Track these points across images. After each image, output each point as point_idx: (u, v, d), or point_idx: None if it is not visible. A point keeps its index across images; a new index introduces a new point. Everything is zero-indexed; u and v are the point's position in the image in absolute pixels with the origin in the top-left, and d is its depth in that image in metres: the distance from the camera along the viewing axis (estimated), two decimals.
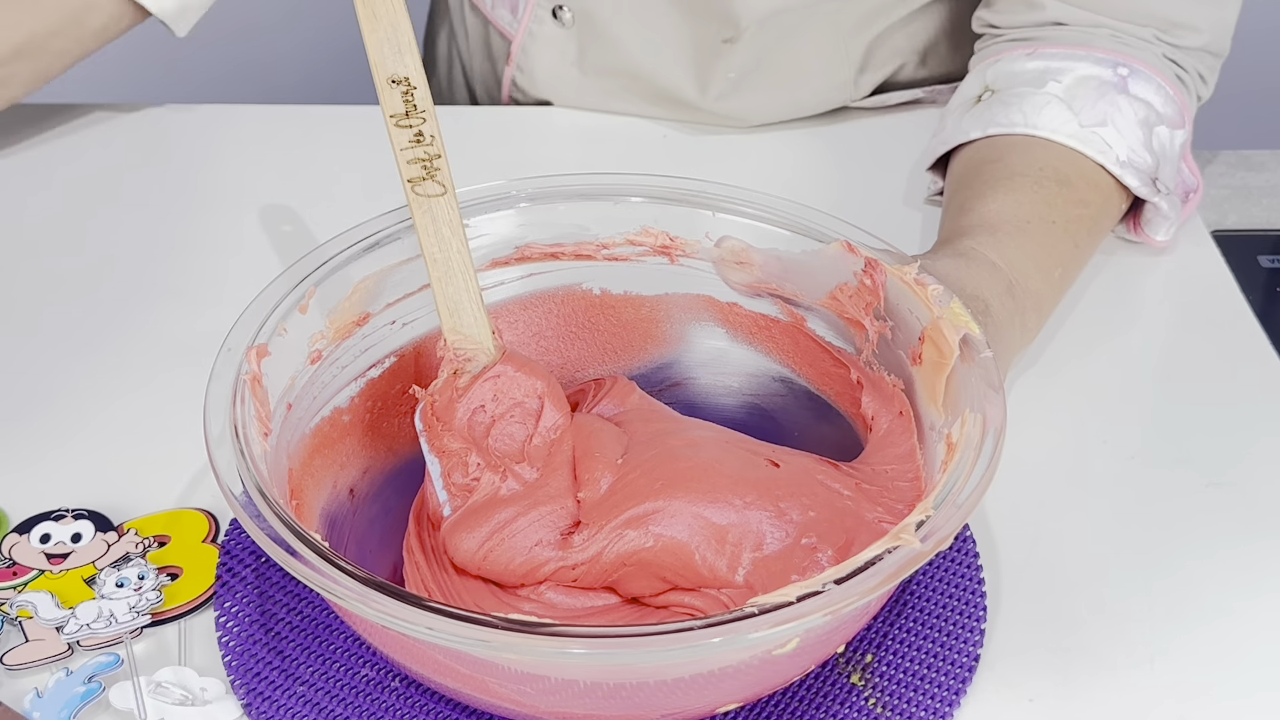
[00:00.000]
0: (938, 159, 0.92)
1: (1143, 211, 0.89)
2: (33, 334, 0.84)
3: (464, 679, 0.57)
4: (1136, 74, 0.87)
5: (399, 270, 0.70)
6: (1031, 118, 0.86)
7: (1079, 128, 0.85)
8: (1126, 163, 0.85)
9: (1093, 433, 0.79)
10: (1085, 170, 0.85)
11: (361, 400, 0.70)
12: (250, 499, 0.57)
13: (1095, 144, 0.85)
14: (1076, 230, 0.83)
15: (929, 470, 0.64)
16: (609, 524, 0.64)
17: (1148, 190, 0.86)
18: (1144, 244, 0.91)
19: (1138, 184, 0.85)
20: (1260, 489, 0.75)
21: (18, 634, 0.65)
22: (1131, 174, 0.85)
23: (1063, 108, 0.85)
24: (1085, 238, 0.84)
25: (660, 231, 0.73)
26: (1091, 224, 0.84)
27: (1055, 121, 0.85)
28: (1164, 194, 0.86)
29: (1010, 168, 0.84)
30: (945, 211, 0.86)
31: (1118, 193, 0.86)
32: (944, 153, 0.91)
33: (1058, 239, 0.81)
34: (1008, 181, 0.83)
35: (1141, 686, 0.65)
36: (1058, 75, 0.87)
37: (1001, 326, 0.74)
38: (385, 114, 0.63)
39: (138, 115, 1.03)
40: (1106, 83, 0.86)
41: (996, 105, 0.88)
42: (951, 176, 0.89)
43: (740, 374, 0.75)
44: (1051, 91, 0.86)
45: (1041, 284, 0.79)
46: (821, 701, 0.64)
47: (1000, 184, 0.83)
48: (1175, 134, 0.88)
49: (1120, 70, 0.87)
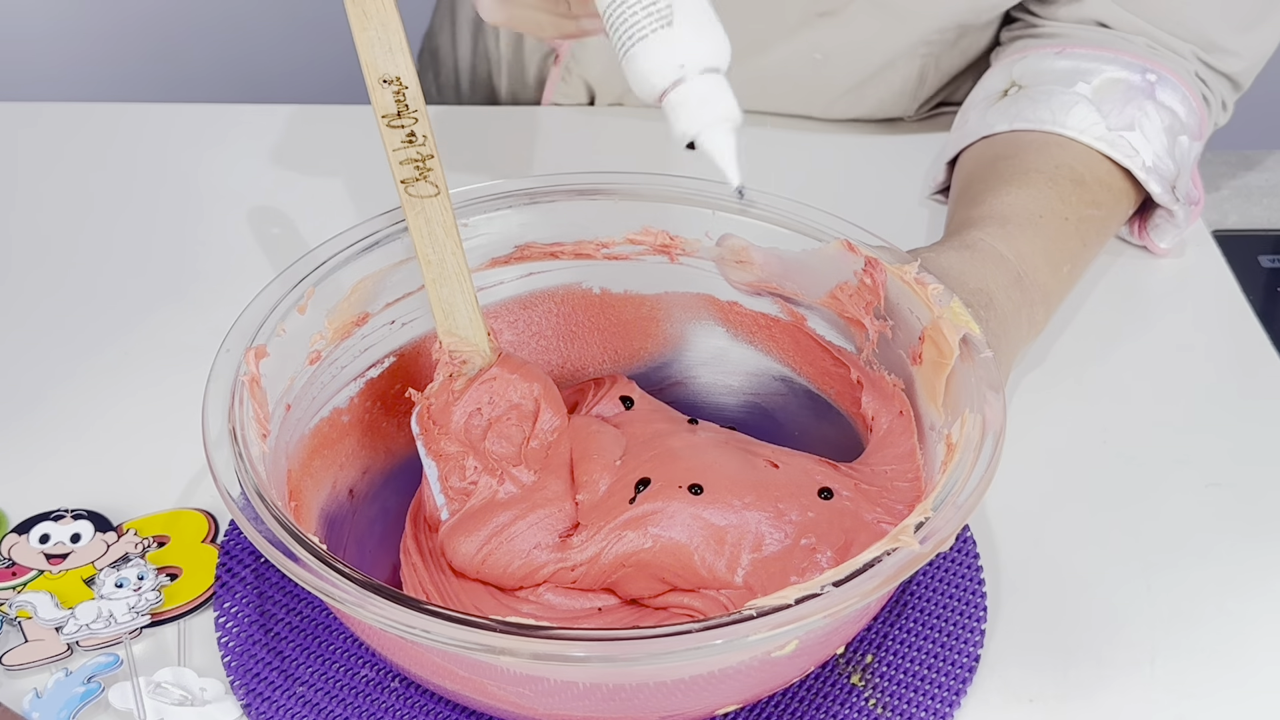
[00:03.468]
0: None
1: (1151, 217, 0.89)
2: (32, 334, 0.84)
3: (463, 681, 0.57)
4: (1164, 81, 0.87)
5: (398, 270, 0.70)
6: (1060, 116, 0.85)
7: (1106, 130, 0.85)
8: (1152, 168, 0.85)
9: (1093, 433, 0.79)
10: (1100, 172, 0.85)
11: (361, 401, 0.70)
12: (248, 501, 0.57)
13: (1122, 148, 0.84)
14: (1086, 230, 0.83)
15: (929, 471, 0.64)
16: (607, 525, 0.64)
17: (1169, 198, 0.85)
18: (1145, 248, 0.91)
19: (1160, 190, 0.85)
20: (1260, 489, 0.75)
21: (17, 634, 0.65)
22: (1155, 180, 0.85)
23: (1091, 109, 0.85)
24: (1094, 237, 0.84)
25: (660, 230, 0.73)
26: (1101, 225, 0.84)
27: (1084, 122, 0.85)
28: (1181, 203, 0.86)
29: (1026, 163, 0.84)
30: (955, 204, 0.86)
31: (1129, 197, 0.86)
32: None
33: (1069, 236, 0.81)
34: (1023, 176, 0.83)
35: (1141, 686, 0.65)
36: (1087, 76, 0.87)
37: (1007, 318, 0.74)
38: (377, 114, 0.62)
39: (138, 115, 1.03)
40: (1135, 87, 0.86)
41: (1024, 101, 0.88)
42: (963, 170, 0.89)
43: (740, 373, 0.75)
44: (1080, 92, 0.86)
45: (1050, 277, 0.79)
46: (821, 702, 0.64)
47: (1015, 178, 0.83)
48: (1194, 145, 0.88)
49: (1149, 76, 0.87)
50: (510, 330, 0.74)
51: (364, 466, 0.70)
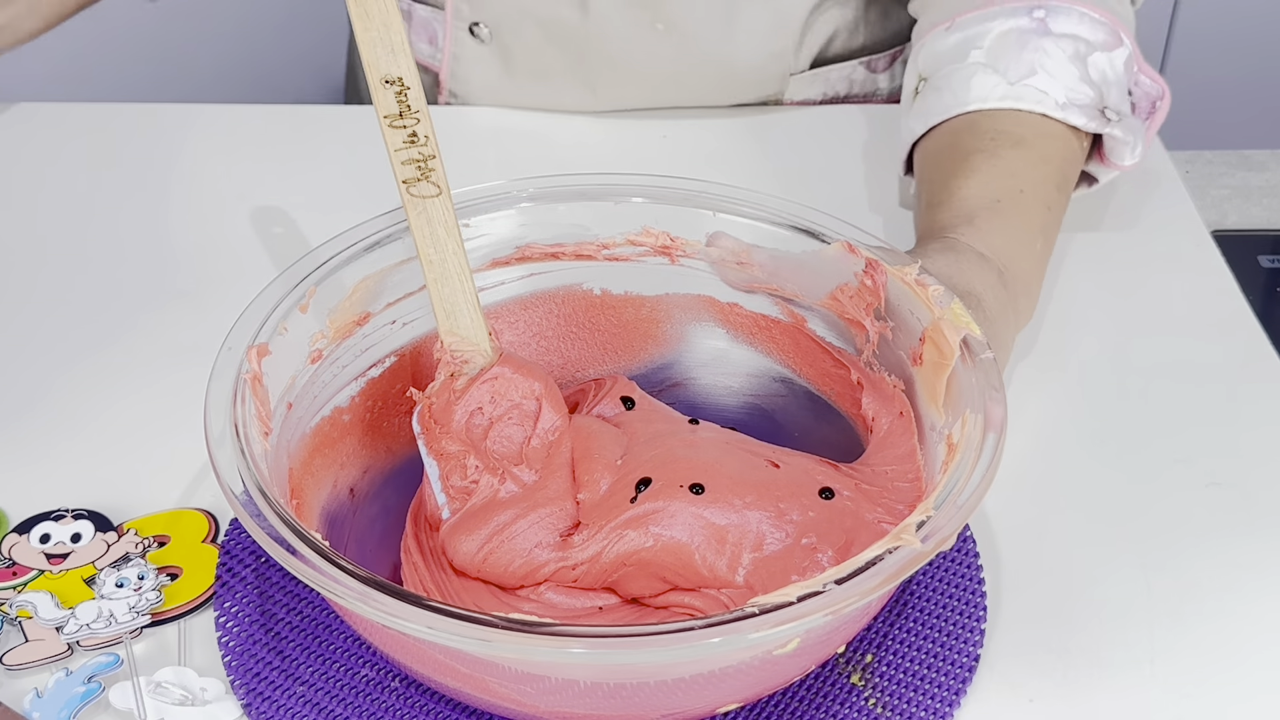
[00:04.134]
0: (909, 161, 0.91)
1: (1104, 141, 0.87)
2: (32, 334, 0.84)
3: (464, 679, 0.57)
4: (1054, 11, 0.85)
5: (399, 270, 0.70)
6: (960, 95, 0.85)
7: (1009, 86, 0.84)
8: (1066, 104, 0.83)
9: (1093, 433, 0.79)
10: (1035, 125, 0.83)
11: (362, 400, 0.70)
12: (250, 498, 0.57)
13: (1030, 96, 0.83)
14: (1046, 191, 0.82)
15: (929, 471, 0.64)
16: (608, 525, 0.64)
17: (1097, 124, 0.84)
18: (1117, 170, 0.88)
19: (1084, 121, 0.84)
20: (1260, 489, 0.75)
21: (18, 634, 0.65)
22: (1075, 113, 0.83)
23: (989, 73, 0.84)
24: (1055, 195, 0.83)
25: (661, 231, 0.73)
26: (1059, 178, 0.83)
27: (983, 89, 0.84)
28: (1116, 121, 0.85)
29: (962, 149, 0.83)
30: (916, 210, 0.86)
31: (1073, 136, 0.85)
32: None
33: (1029, 207, 0.81)
34: (964, 164, 0.82)
35: (1141, 686, 0.65)
36: (977, 41, 0.86)
37: (995, 319, 0.74)
38: (379, 115, 0.62)
39: (138, 115, 1.03)
40: (1026, 31, 0.85)
41: (930, 94, 0.87)
42: (918, 175, 0.89)
43: (740, 374, 0.75)
44: (974, 60, 0.85)
45: (1027, 261, 0.79)
46: (821, 701, 0.64)
47: (958, 169, 0.82)
48: (1114, 55, 0.86)
49: (1036, 14, 0.85)
50: (511, 331, 0.74)
51: (365, 465, 0.70)
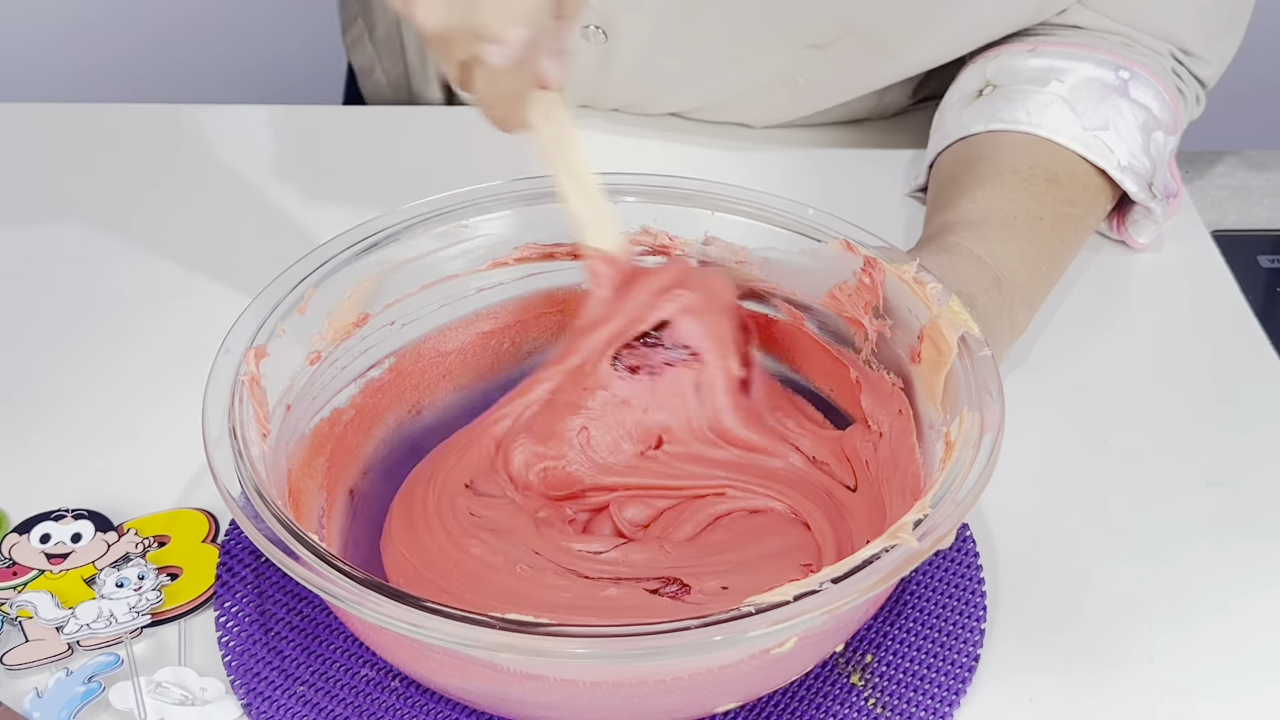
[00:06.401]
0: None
1: (1130, 213, 0.89)
2: (32, 334, 0.84)
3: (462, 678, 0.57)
4: (1137, 78, 0.87)
5: (398, 271, 0.70)
6: (1035, 117, 0.86)
7: (1082, 130, 0.85)
8: (1127, 167, 0.85)
9: (1092, 432, 0.79)
10: (1075, 171, 0.85)
11: (361, 401, 0.70)
12: (248, 500, 0.57)
13: (1098, 148, 0.85)
14: (1063, 227, 0.83)
15: (927, 469, 0.64)
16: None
17: (1145, 195, 0.86)
18: (1124, 243, 0.91)
19: (1136, 189, 0.85)
20: (1260, 489, 0.75)
21: (18, 634, 0.65)
22: (1131, 179, 0.85)
23: (1066, 109, 0.85)
24: (1071, 235, 0.84)
25: (660, 231, 0.73)
26: (1078, 222, 0.84)
27: (1059, 122, 0.85)
28: (1158, 199, 0.87)
29: (1000, 164, 0.84)
30: (931, 207, 0.86)
31: (1105, 194, 0.86)
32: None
33: (1044, 235, 0.82)
34: (997, 178, 0.83)
35: (1141, 686, 0.65)
36: (1060, 75, 0.87)
37: (989, 320, 0.74)
38: None
39: (138, 115, 1.03)
40: (1108, 85, 0.86)
41: (1000, 101, 0.88)
42: (939, 173, 0.89)
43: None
44: (1055, 91, 0.86)
45: (1028, 278, 0.79)
46: (821, 701, 0.64)
47: (989, 180, 0.83)
48: (1170, 140, 0.88)
49: (1122, 74, 0.87)
50: (511, 330, 0.74)
51: (364, 467, 0.70)
